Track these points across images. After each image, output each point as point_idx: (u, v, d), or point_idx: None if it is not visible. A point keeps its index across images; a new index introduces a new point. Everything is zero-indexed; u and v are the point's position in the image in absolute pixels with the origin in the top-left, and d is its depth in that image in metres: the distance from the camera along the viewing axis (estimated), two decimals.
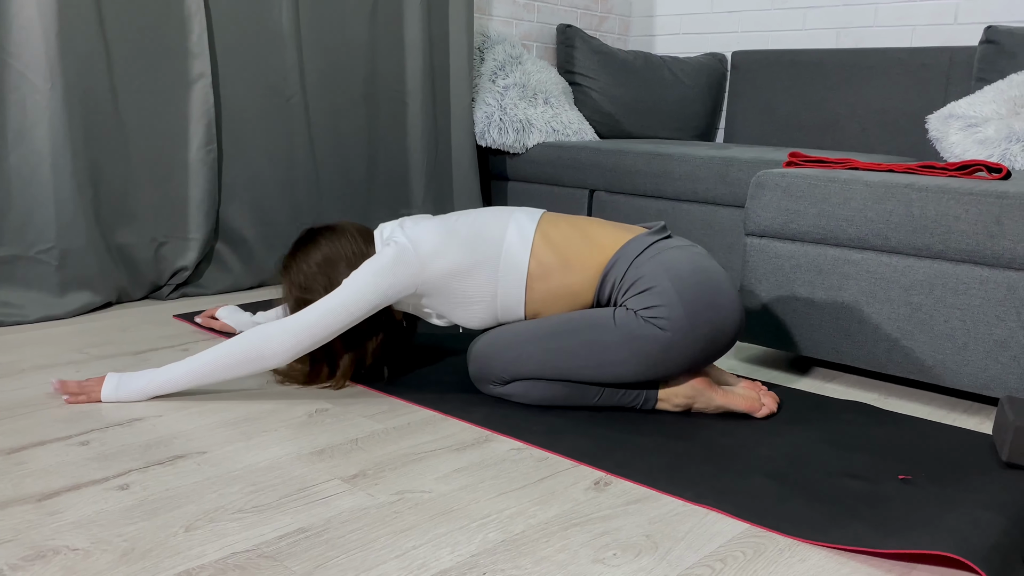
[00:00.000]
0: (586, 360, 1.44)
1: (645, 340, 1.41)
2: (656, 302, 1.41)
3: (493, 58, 3.02)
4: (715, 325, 1.42)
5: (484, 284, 1.49)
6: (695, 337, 1.41)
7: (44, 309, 1.97)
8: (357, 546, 1.02)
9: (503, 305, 1.50)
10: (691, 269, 1.44)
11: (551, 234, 1.50)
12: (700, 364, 1.46)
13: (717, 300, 1.43)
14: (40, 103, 1.95)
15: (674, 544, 1.06)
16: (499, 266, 1.48)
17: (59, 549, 0.98)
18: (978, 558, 1.00)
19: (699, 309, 1.41)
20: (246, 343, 1.42)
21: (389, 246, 1.48)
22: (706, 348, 1.43)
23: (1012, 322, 1.53)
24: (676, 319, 1.40)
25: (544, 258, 1.48)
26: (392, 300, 1.47)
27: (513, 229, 1.50)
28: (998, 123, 2.37)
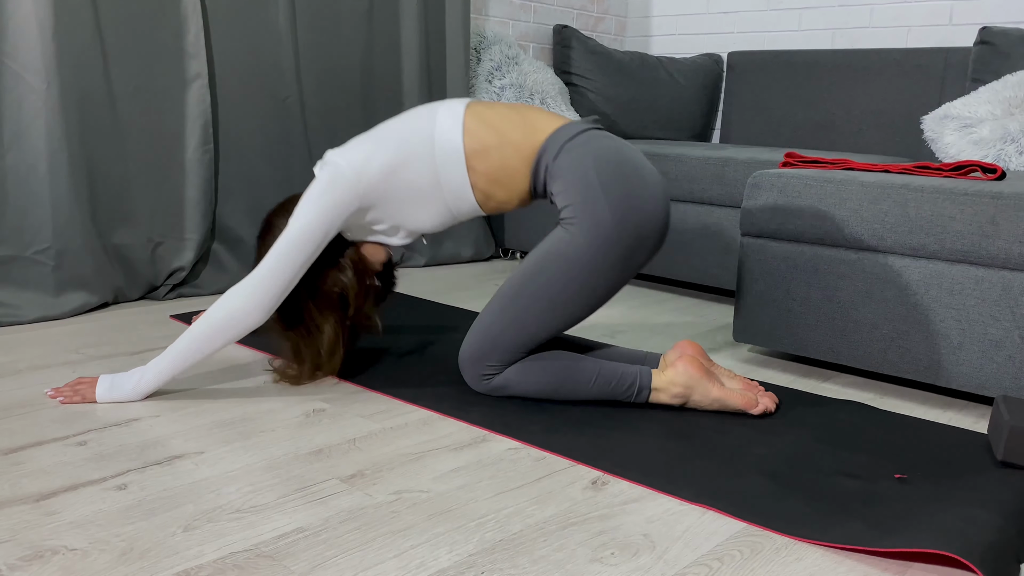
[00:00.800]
0: (543, 304, 1.45)
1: (577, 249, 1.42)
2: (580, 191, 1.42)
3: (489, 58, 3.02)
4: (639, 212, 1.43)
5: (424, 172, 1.47)
6: (621, 228, 1.41)
7: (40, 309, 1.97)
8: (355, 546, 1.02)
9: (450, 192, 1.49)
10: (618, 158, 1.45)
11: (485, 114, 1.50)
12: (635, 261, 1.46)
13: (640, 188, 1.44)
14: (36, 103, 1.94)
15: (671, 543, 1.07)
16: (435, 151, 1.46)
17: (57, 549, 0.98)
18: (974, 557, 1.01)
19: (621, 195, 1.42)
20: (219, 310, 1.42)
21: (322, 168, 1.47)
22: (634, 244, 1.43)
23: (1007, 322, 1.54)
24: (597, 206, 1.41)
25: (479, 134, 1.47)
26: (340, 220, 1.45)
27: (443, 113, 1.49)
28: (993, 124, 2.38)
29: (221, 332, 1.43)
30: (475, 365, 1.52)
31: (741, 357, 1.94)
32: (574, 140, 1.46)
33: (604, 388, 1.50)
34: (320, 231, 1.44)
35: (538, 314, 1.47)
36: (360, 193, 1.46)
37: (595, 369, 1.50)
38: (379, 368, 1.70)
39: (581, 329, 2.13)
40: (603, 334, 2.08)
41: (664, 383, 1.50)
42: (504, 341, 1.48)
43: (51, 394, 1.46)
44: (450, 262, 2.98)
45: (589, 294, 1.46)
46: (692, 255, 2.51)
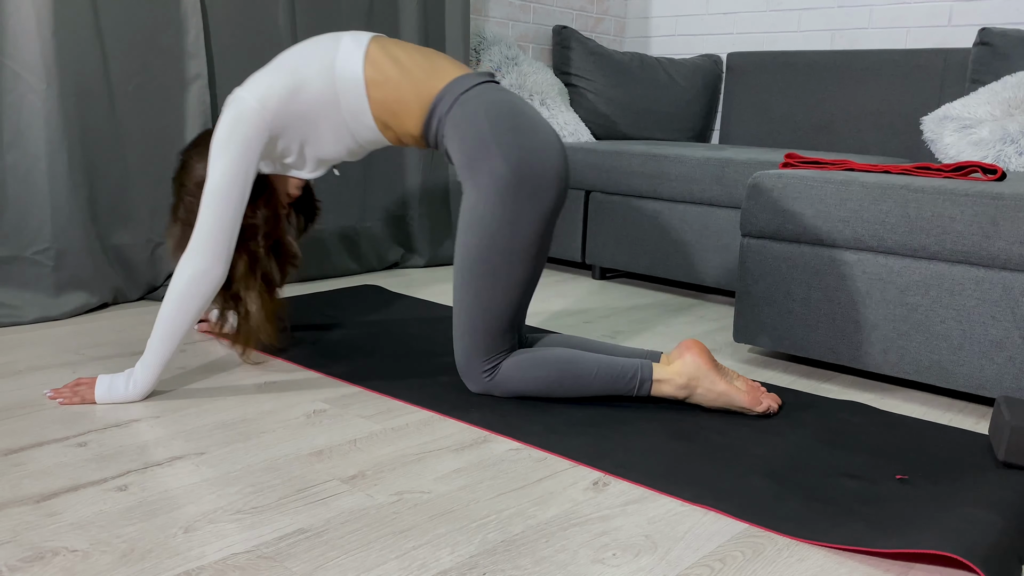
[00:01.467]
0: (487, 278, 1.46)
1: (484, 208, 1.43)
2: (471, 146, 1.44)
3: (489, 59, 3.02)
4: (533, 157, 1.44)
5: (324, 94, 1.48)
6: (518, 174, 1.42)
7: (40, 310, 1.97)
8: (357, 547, 1.02)
9: (350, 114, 1.50)
10: (510, 109, 1.46)
11: (391, 48, 1.51)
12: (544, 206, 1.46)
13: (532, 136, 1.45)
14: (36, 104, 1.94)
15: (673, 544, 1.06)
16: (335, 74, 1.48)
17: (58, 550, 0.98)
18: (976, 557, 1.01)
19: (513, 143, 1.43)
20: (179, 282, 1.43)
21: (225, 108, 1.48)
22: (536, 188, 1.44)
23: (1007, 322, 1.54)
24: (490, 156, 1.43)
25: (381, 64, 1.49)
26: (257, 153, 1.46)
27: (348, 39, 1.51)
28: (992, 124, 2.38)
29: (189, 301, 1.43)
30: (471, 366, 1.52)
31: (742, 358, 1.94)
32: (468, 93, 1.48)
33: (606, 381, 1.50)
34: (242, 171, 1.45)
35: (490, 290, 1.47)
36: (268, 121, 1.47)
37: (596, 362, 1.50)
38: (380, 369, 1.70)
39: (581, 330, 2.12)
40: (603, 335, 2.08)
41: (669, 374, 1.50)
42: (480, 332, 1.49)
43: (50, 395, 1.46)
44: (450, 262, 2.98)
45: (520, 250, 1.46)
46: (692, 256, 2.51)
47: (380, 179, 2.77)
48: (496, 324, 1.49)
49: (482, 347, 1.50)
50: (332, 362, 1.73)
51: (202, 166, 1.56)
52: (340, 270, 2.66)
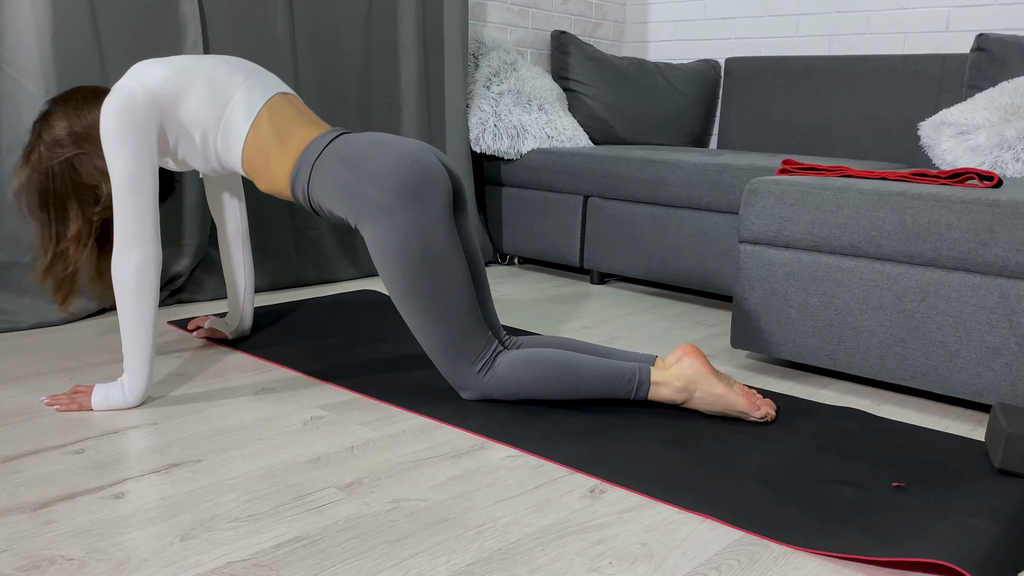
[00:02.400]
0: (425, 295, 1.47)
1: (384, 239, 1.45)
2: (342, 196, 1.47)
3: (488, 64, 3.03)
4: (398, 169, 1.45)
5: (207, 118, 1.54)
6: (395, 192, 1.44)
7: (38, 316, 1.97)
8: (353, 555, 1.02)
9: (223, 147, 1.56)
10: (360, 146, 1.49)
11: (278, 118, 1.56)
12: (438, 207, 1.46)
13: (386, 155, 1.47)
14: (34, 110, 1.94)
15: (669, 552, 1.07)
16: (224, 114, 1.54)
17: (54, 559, 0.98)
18: (971, 566, 1.01)
19: (374, 169, 1.45)
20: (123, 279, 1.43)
21: (111, 95, 1.48)
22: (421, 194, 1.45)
23: (1004, 329, 1.54)
24: (364, 193, 1.45)
25: (262, 132, 1.54)
26: (154, 135, 1.48)
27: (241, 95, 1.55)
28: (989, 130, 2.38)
29: (143, 293, 1.44)
30: (461, 376, 1.52)
31: (739, 364, 1.95)
32: (320, 157, 1.51)
33: (604, 383, 1.50)
34: (146, 158, 1.46)
35: (433, 303, 1.48)
36: (157, 113, 1.49)
37: (594, 364, 1.51)
38: (377, 375, 1.70)
39: (578, 335, 2.13)
40: (601, 340, 2.08)
41: (667, 377, 1.50)
42: (446, 343, 1.50)
43: (48, 402, 1.46)
44: None
45: (437, 251, 1.47)
46: (689, 261, 2.51)
47: None
48: (459, 329, 1.49)
49: (460, 355, 1.50)
50: (330, 368, 1.73)
51: (66, 124, 1.55)
52: (338, 275, 2.66)
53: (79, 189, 1.56)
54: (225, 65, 1.57)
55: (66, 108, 1.57)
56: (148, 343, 1.45)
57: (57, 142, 1.54)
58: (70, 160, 1.54)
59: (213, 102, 1.53)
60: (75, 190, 1.56)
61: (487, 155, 3.04)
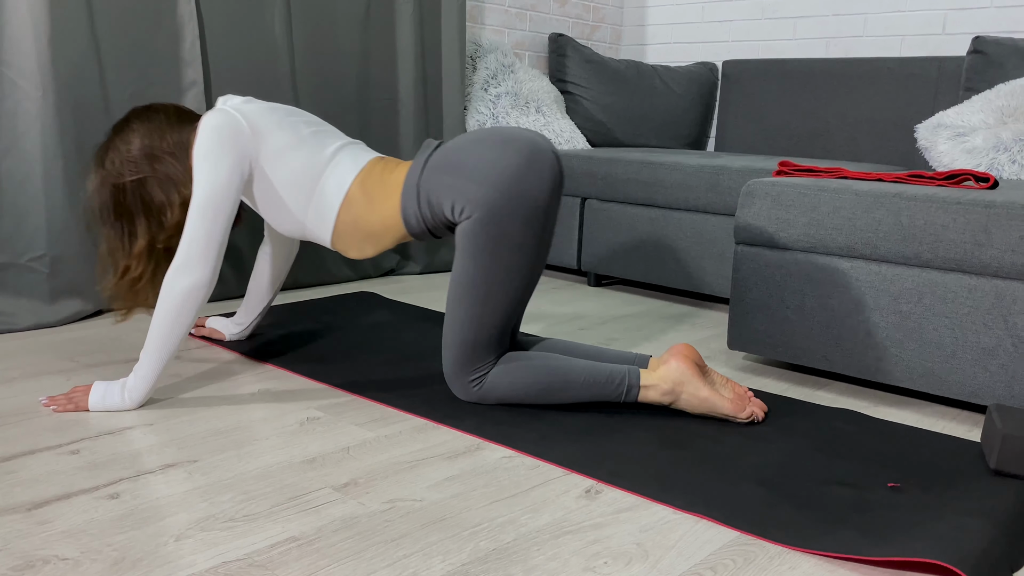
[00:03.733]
0: (486, 292, 1.47)
1: (484, 234, 1.44)
2: (453, 197, 1.46)
3: (485, 67, 3.03)
4: (519, 173, 1.44)
5: (297, 207, 1.54)
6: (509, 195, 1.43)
7: (35, 317, 1.97)
8: (349, 555, 1.02)
9: (314, 214, 1.55)
10: (472, 140, 1.48)
11: (370, 184, 1.54)
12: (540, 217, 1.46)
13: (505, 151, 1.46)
14: (31, 111, 1.94)
15: (665, 552, 1.07)
16: (320, 181, 1.54)
17: (49, 559, 0.98)
18: (966, 566, 1.01)
19: (493, 170, 1.44)
20: (171, 294, 1.42)
21: (213, 114, 1.48)
22: (533, 201, 1.45)
23: (1000, 330, 1.54)
24: (476, 193, 1.44)
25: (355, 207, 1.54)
26: (248, 162, 1.48)
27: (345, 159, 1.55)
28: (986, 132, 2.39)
29: (185, 314, 1.43)
30: (459, 375, 1.52)
31: (736, 365, 1.95)
32: (422, 178, 1.50)
33: (593, 388, 1.50)
34: (236, 181, 1.46)
35: (483, 307, 1.48)
36: (252, 149, 1.49)
37: (584, 369, 1.51)
38: (374, 376, 1.70)
39: (575, 338, 2.13)
40: (598, 342, 2.08)
41: (654, 380, 1.50)
42: (468, 343, 1.49)
43: (45, 402, 1.46)
44: (446, 270, 2.98)
45: (520, 264, 1.47)
46: (687, 263, 2.51)
47: None
48: (486, 337, 1.50)
49: (470, 359, 1.50)
50: (326, 369, 1.73)
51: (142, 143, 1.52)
52: (336, 277, 2.66)
53: (148, 209, 1.55)
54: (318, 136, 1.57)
55: (149, 126, 1.54)
56: (167, 359, 1.45)
57: (132, 159, 1.52)
58: (142, 180, 1.52)
59: (306, 171, 1.52)
60: (144, 210, 1.55)
61: None
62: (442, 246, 2.97)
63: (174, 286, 1.43)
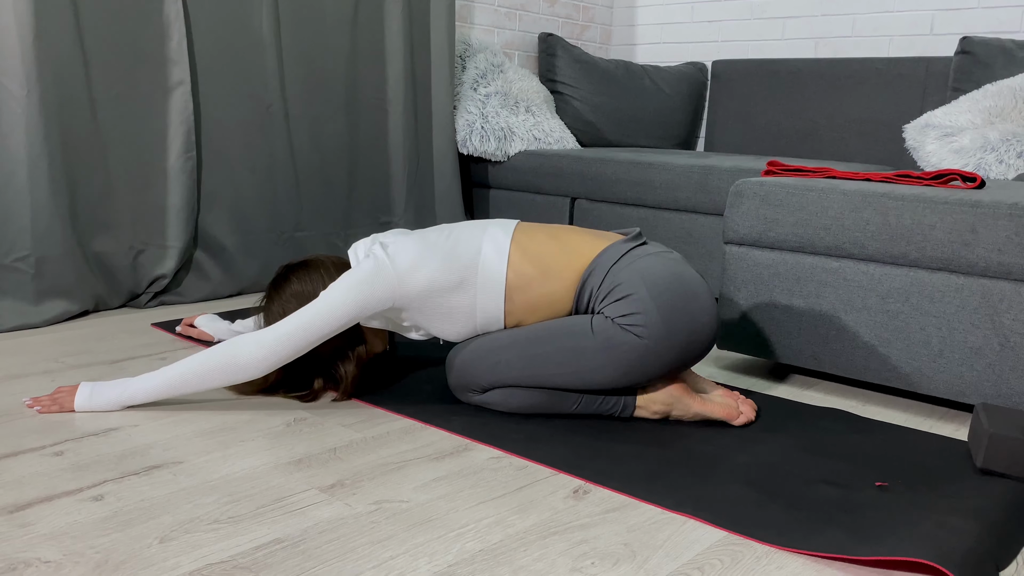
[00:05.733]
0: (564, 367, 1.44)
1: (622, 347, 1.41)
2: (633, 309, 1.41)
3: (475, 66, 3.03)
4: (691, 331, 1.43)
5: (463, 298, 1.48)
6: (671, 344, 1.42)
7: (19, 317, 1.95)
8: (334, 556, 1.01)
9: (483, 318, 1.50)
10: (668, 276, 1.44)
11: (527, 245, 1.50)
12: (676, 370, 1.47)
13: (692, 306, 1.44)
14: (16, 110, 1.93)
15: (652, 552, 1.06)
16: (477, 280, 1.47)
17: (31, 561, 0.97)
18: (953, 564, 1.01)
19: (675, 316, 1.42)
20: (221, 353, 1.41)
21: (368, 258, 1.47)
22: (682, 354, 1.44)
23: (987, 329, 1.55)
24: (652, 325, 1.40)
25: (521, 269, 1.48)
26: (369, 313, 1.45)
27: (489, 243, 1.49)
28: (973, 133, 2.40)
29: (220, 373, 1.41)
30: (464, 379, 1.51)
31: (724, 364, 1.95)
32: (621, 261, 1.47)
33: (589, 406, 1.51)
34: (348, 316, 1.43)
35: (551, 371, 1.45)
36: (398, 296, 1.46)
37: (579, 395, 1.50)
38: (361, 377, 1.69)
39: None
40: None
41: (647, 401, 1.51)
42: (503, 375, 1.48)
43: (29, 403, 1.45)
44: None
45: (615, 378, 1.45)
46: None
47: (366, 186, 2.76)
48: (516, 382, 1.48)
49: (487, 381, 1.49)
50: None
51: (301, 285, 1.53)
52: None
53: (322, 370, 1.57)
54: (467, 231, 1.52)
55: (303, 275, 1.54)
56: (176, 393, 1.43)
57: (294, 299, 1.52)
58: None
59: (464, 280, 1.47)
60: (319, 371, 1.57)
61: (474, 157, 3.04)
62: None
63: (237, 350, 1.41)
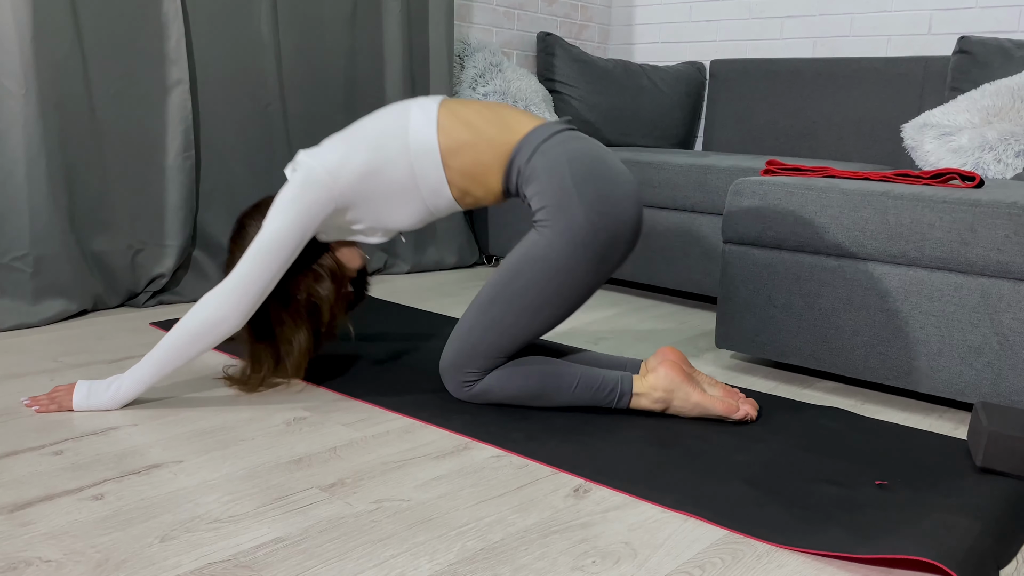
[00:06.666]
0: (520, 308, 1.45)
1: (552, 252, 1.42)
2: (552, 195, 1.42)
3: (473, 66, 3.03)
4: (612, 214, 1.43)
5: (401, 172, 1.47)
6: (595, 230, 1.42)
7: (18, 317, 1.95)
8: (335, 555, 1.01)
9: (427, 190, 1.49)
10: (591, 160, 1.45)
11: (459, 111, 1.50)
12: (608, 263, 1.46)
13: (614, 189, 1.44)
14: (14, 109, 1.92)
15: (653, 551, 1.06)
16: (409, 150, 1.46)
17: (31, 561, 0.97)
18: (953, 563, 1.01)
19: (595, 197, 1.42)
20: (195, 318, 1.41)
21: (295, 172, 1.46)
22: (608, 245, 1.44)
23: (985, 328, 1.55)
24: (572, 206, 1.41)
25: (453, 132, 1.47)
26: (316, 223, 1.44)
27: (417, 110, 1.49)
28: (971, 132, 2.40)
29: (198, 339, 1.41)
30: (456, 372, 1.51)
31: (723, 363, 1.95)
32: (548, 142, 1.46)
33: (585, 393, 1.50)
34: (295, 235, 1.43)
35: (515, 318, 1.46)
36: (335, 195, 1.45)
37: (576, 374, 1.50)
38: (360, 376, 1.70)
39: (564, 336, 2.12)
40: (586, 341, 2.08)
41: (645, 388, 1.50)
42: (483, 347, 1.48)
43: (27, 403, 1.44)
44: (433, 269, 2.98)
45: (565, 296, 1.46)
46: (674, 262, 2.52)
47: None
48: (503, 348, 1.49)
49: (476, 362, 1.50)
50: (313, 369, 1.72)
51: (257, 226, 1.53)
52: None
53: (296, 307, 1.55)
54: (392, 109, 1.51)
55: (257, 217, 1.54)
56: (165, 373, 1.43)
57: None
58: None
59: (396, 147, 1.46)
60: (293, 310, 1.55)
61: None
62: (429, 245, 2.96)
63: (201, 311, 1.41)
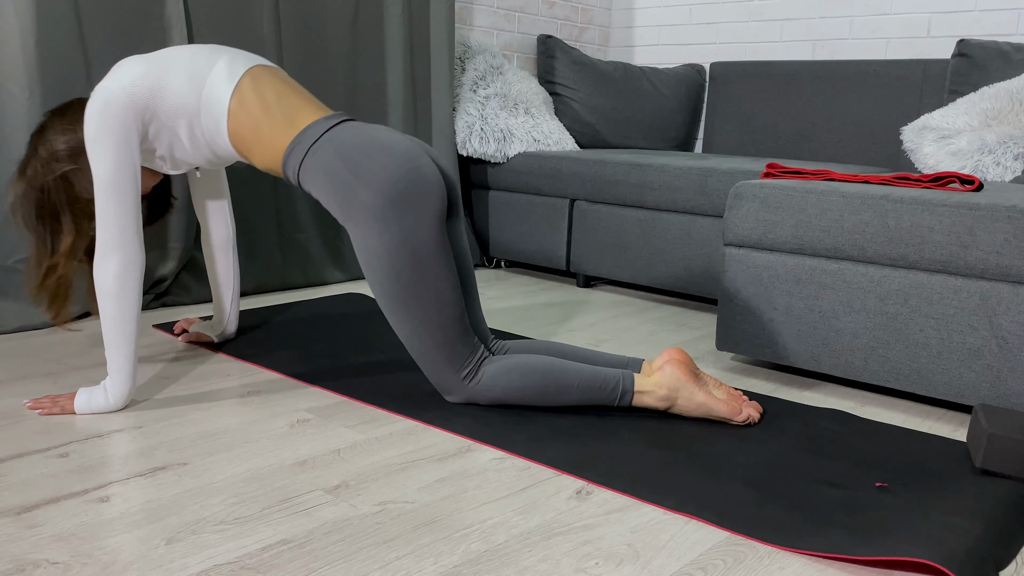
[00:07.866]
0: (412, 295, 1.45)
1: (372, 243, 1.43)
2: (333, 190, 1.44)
3: (474, 68, 3.03)
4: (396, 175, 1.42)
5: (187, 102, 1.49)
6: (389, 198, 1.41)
7: (21, 319, 1.96)
8: (340, 557, 1.02)
9: (209, 130, 1.51)
10: (359, 141, 1.46)
11: (262, 86, 1.52)
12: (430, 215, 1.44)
13: (386, 156, 1.44)
14: (18, 112, 1.93)
15: (655, 553, 1.07)
16: (202, 92, 1.49)
17: (39, 563, 0.98)
18: (953, 564, 1.02)
19: (371, 170, 1.42)
20: (105, 282, 1.42)
21: (92, 100, 1.45)
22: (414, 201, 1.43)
23: (985, 331, 1.56)
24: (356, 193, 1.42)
25: (248, 103, 1.50)
26: (138, 136, 1.46)
27: (224, 63, 1.51)
28: (970, 135, 2.41)
29: (125, 295, 1.43)
30: (446, 380, 1.52)
31: (724, 366, 1.96)
32: (317, 143, 1.48)
33: (588, 391, 1.51)
34: (128, 159, 1.44)
35: (420, 311, 1.46)
36: (139, 109, 1.46)
37: (579, 372, 1.51)
38: (364, 378, 1.70)
39: (564, 337, 2.13)
40: (587, 343, 2.09)
41: (650, 385, 1.51)
42: (432, 349, 1.49)
43: (30, 405, 1.45)
44: None
45: (426, 260, 1.45)
46: (675, 264, 2.52)
47: None
48: (445, 336, 1.49)
49: (446, 361, 1.50)
50: (316, 371, 1.73)
51: (63, 139, 1.54)
52: (325, 278, 2.65)
53: (74, 203, 1.55)
54: (204, 49, 1.55)
55: (63, 121, 1.55)
56: (130, 347, 1.44)
57: (53, 156, 1.53)
58: (66, 175, 1.53)
59: (191, 83, 1.49)
60: (70, 204, 1.55)
61: (473, 158, 3.04)
62: None
63: (103, 275, 1.42)
